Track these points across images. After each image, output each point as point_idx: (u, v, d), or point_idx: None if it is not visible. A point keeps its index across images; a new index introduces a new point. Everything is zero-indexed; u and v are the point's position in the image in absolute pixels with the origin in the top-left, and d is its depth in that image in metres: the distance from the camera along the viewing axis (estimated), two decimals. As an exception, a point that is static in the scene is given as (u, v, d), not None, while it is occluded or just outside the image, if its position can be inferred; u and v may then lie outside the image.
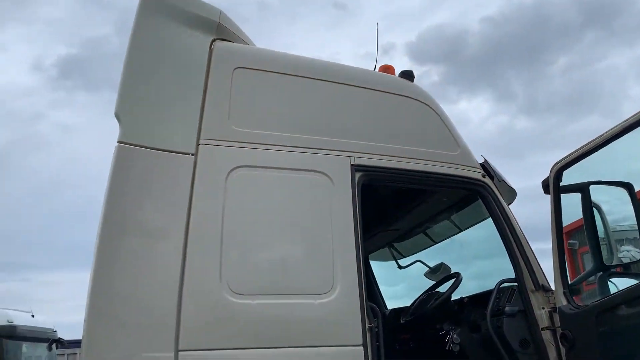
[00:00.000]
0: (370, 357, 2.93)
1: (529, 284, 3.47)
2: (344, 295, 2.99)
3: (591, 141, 3.28)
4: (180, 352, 2.65)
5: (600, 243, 3.56)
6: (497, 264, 4.10)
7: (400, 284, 5.95)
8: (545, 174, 3.55)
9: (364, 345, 2.93)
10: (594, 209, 3.51)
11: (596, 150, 3.26)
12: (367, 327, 2.98)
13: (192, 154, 3.01)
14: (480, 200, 3.77)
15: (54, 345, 15.82)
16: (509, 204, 3.79)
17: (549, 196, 3.50)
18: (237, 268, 2.88)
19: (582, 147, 3.32)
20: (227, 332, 2.76)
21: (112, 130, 3.08)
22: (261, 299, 2.87)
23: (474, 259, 5.45)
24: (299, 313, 2.91)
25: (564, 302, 3.29)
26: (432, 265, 4.82)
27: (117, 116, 2.96)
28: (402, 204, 4.65)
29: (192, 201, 2.91)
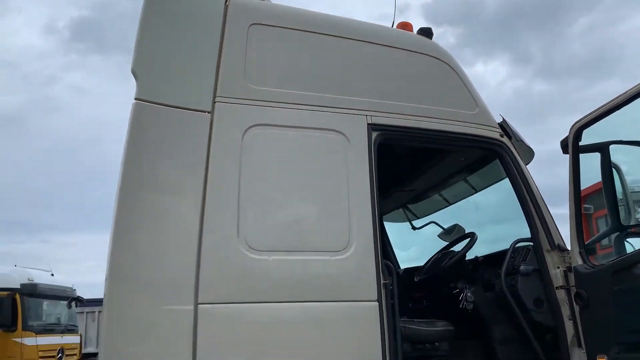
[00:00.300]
0: (385, 312, 2.98)
1: (545, 244, 3.47)
2: (360, 252, 3.02)
3: (612, 100, 3.21)
4: (199, 305, 2.71)
5: (619, 204, 3.53)
6: (512, 226, 4.10)
7: (413, 247, 5.98)
8: (562, 137, 3.51)
9: (379, 300, 2.98)
10: (613, 169, 3.46)
11: (617, 110, 3.19)
12: (382, 283, 3.01)
13: (209, 112, 3.01)
14: (497, 160, 3.74)
15: (73, 303, 16.29)
16: (526, 164, 3.75)
17: (566, 159, 3.45)
18: (254, 225, 2.91)
19: (602, 106, 3.26)
20: (245, 287, 2.81)
21: (125, 93, 3.09)
22: (278, 255, 2.91)
23: (489, 221, 5.45)
24: (315, 269, 2.95)
25: (580, 262, 3.29)
26: (446, 226, 4.84)
27: (133, 73, 2.95)
28: (418, 164, 4.63)
29: (209, 159, 2.93)
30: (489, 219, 5.46)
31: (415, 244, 5.88)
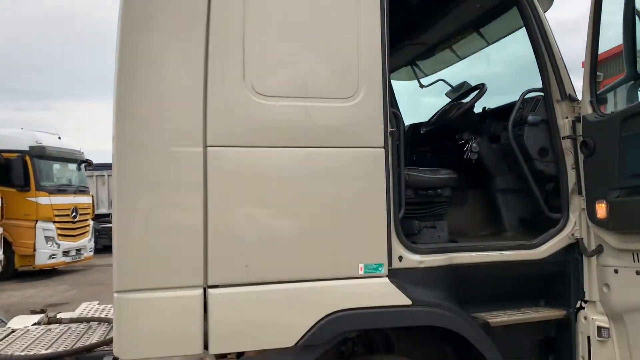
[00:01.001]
0: (390, 159, 3.01)
1: (556, 94, 3.40)
2: (368, 100, 2.98)
3: None
4: (208, 148, 2.73)
5: (638, 55, 3.41)
6: (521, 84, 4.00)
7: (419, 111, 5.92)
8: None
9: (385, 147, 2.99)
10: (636, 16, 3.29)
11: None
12: (389, 131, 3.01)
13: None
14: (514, 7, 3.55)
15: (82, 166, 16.66)
16: (544, 11, 3.57)
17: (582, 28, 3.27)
18: (260, 69, 2.84)
19: None
20: (251, 131, 2.81)
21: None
22: (285, 101, 2.87)
23: (498, 79, 5.35)
24: (323, 116, 2.92)
25: (590, 111, 3.25)
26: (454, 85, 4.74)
27: None
28: (431, 13, 4.42)
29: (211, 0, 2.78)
30: (498, 78, 5.35)
31: (421, 107, 5.81)
